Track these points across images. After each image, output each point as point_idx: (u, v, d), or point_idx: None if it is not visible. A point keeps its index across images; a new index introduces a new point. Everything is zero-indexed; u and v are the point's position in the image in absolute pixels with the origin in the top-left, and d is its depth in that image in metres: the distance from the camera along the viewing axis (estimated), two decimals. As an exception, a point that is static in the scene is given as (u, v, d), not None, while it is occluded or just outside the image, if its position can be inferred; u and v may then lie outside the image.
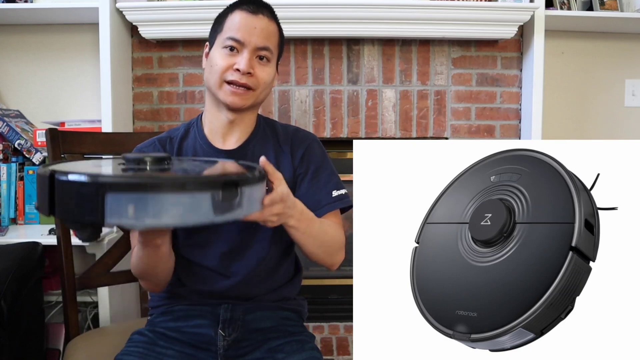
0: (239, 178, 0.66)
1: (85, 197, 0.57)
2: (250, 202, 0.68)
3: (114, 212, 0.57)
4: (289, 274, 1.06)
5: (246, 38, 0.91)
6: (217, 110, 0.97)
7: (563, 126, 1.98)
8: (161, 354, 0.90)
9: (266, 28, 0.93)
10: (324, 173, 1.01)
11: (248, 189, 0.67)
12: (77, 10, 1.66)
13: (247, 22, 0.91)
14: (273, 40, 0.95)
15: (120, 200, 0.57)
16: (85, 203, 0.57)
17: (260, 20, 0.92)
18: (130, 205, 0.57)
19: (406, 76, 1.81)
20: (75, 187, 0.58)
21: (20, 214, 1.68)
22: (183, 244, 0.97)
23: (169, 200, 0.59)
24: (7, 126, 1.66)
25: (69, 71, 1.84)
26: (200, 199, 0.61)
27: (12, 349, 1.22)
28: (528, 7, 1.64)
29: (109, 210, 0.57)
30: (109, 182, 0.58)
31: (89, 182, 0.57)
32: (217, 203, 0.62)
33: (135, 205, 0.57)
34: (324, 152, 1.05)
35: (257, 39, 0.92)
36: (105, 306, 1.56)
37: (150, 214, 0.58)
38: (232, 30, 0.92)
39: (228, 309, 0.96)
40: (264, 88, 0.96)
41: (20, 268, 1.28)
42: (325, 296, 2.08)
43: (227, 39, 0.92)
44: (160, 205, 0.58)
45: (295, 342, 0.95)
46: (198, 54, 1.77)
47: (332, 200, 0.99)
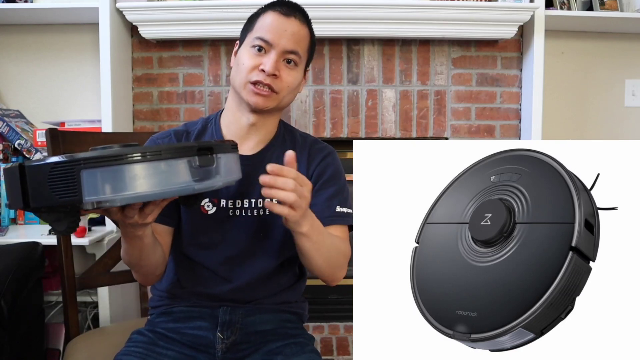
0: (212, 144, 0.67)
1: (60, 178, 0.56)
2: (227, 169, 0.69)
3: (91, 189, 0.56)
4: (292, 280, 1.04)
5: (275, 40, 0.90)
6: (239, 111, 0.96)
7: (563, 126, 1.98)
8: (161, 355, 0.90)
9: (297, 32, 0.92)
10: (333, 187, 0.99)
11: (223, 155, 0.68)
12: (77, 10, 1.66)
13: (278, 23, 0.90)
14: (303, 45, 0.94)
15: (96, 175, 0.56)
16: (60, 184, 0.56)
17: (291, 24, 0.91)
18: (107, 179, 0.56)
19: (406, 76, 1.81)
20: (48, 170, 0.56)
21: (20, 214, 1.68)
22: (187, 242, 0.97)
23: (146, 169, 0.58)
24: (7, 126, 1.66)
25: (69, 71, 1.85)
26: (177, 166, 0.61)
27: (12, 349, 1.22)
28: (528, 7, 1.64)
29: (86, 187, 0.56)
30: (84, 158, 0.56)
31: (62, 161, 0.56)
32: (195, 169, 0.62)
33: (112, 178, 0.57)
34: (339, 168, 1.03)
35: (287, 42, 0.90)
36: (105, 306, 1.56)
37: (127, 185, 0.57)
38: (262, 31, 0.91)
39: (227, 311, 0.95)
40: (288, 92, 0.94)
41: (20, 268, 1.27)
42: (325, 296, 2.08)
43: (256, 39, 0.91)
44: (137, 175, 0.58)
45: (294, 344, 0.94)
46: (198, 54, 1.77)
47: (333, 214, 0.97)
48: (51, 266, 1.58)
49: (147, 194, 0.60)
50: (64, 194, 0.56)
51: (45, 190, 0.57)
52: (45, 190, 0.57)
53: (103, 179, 0.56)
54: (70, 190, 0.56)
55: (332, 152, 1.04)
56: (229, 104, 0.99)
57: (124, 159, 0.57)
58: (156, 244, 0.87)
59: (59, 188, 0.56)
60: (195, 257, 0.97)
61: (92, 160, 0.56)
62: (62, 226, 0.61)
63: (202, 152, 0.65)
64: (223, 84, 1.78)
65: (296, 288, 1.05)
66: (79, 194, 0.56)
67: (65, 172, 0.56)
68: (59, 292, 1.59)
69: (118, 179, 0.57)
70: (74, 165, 0.56)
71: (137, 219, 0.70)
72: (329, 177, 1.00)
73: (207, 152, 0.65)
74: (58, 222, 0.61)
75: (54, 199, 0.57)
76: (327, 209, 0.96)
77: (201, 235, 0.96)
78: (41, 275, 1.42)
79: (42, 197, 0.58)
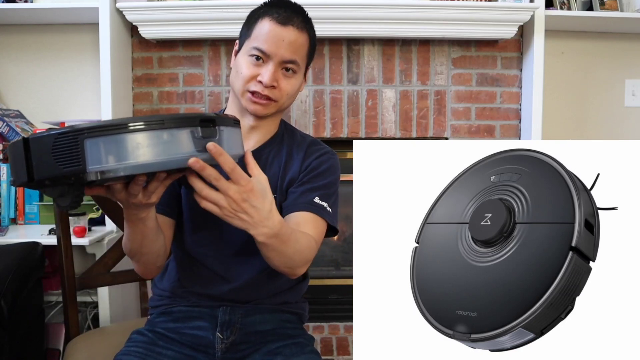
0: (214, 117, 0.67)
1: (64, 148, 0.57)
2: (230, 143, 0.68)
3: (94, 158, 0.57)
4: (293, 281, 1.03)
5: (272, 50, 0.89)
6: (240, 114, 0.96)
7: (563, 126, 1.98)
8: (160, 355, 0.90)
9: (295, 41, 0.90)
10: (321, 181, 0.96)
11: (225, 129, 0.68)
12: (77, 10, 1.66)
13: (275, 33, 0.89)
14: (301, 52, 0.93)
15: (99, 144, 0.57)
16: (64, 154, 0.57)
17: (288, 32, 0.89)
18: (110, 148, 0.57)
19: (406, 76, 1.81)
20: (52, 141, 0.57)
21: (20, 214, 1.68)
22: (187, 238, 0.97)
23: (149, 138, 0.59)
24: (7, 126, 1.66)
25: (69, 71, 1.85)
26: (180, 135, 0.61)
27: (12, 349, 1.22)
28: (528, 7, 1.64)
29: (90, 156, 0.56)
30: (87, 127, 0.57)
31: (66, 131, 0.57)
32: (197, 140, 0.63)
33: (115, 146, 0.57)
34: (334, 169, 1.00)
35: (284, 52, 0.89)
36: (105, 306, 1.56)
37: (130, 154, 0.58)
38: (259, 40, 0.89)
39: (226, 311, 0.95)
40: (287, 99, 0.94)
41: (20, 268, 1.28)
42: (325, 296, 2.08)
43: (253, 48, 0.90)
44: (140, 144, 0.58)
45: (294, 344, 0.94)
46: (198, 54, 1.77)
47: (309, 202, 0.93)
48: (51, 266, 1.58)
49: (150, 163, 0.60)
50: (68, 164, 0.57)
51: (50, 160, 0.57)
52: (50, 160, 0.57)
53: (106, 148, 0.57)
54: (74, 160, 0.57)
55: (331, 152, 1.02)
56: (230, 105, 0.99)
57: (127, 128, 0.58)
58: (159, 232, 0.85)
59: (62, 158, 0.57)
60: (195, 254, 0.97)
61: (96, 130, 0.57)
62: (66, 201, 0.62)
63: (205, 123, 0.64)
64: (223, 84, 1.78)
65: (297, 289, 1.04)
66: (82, 163, 0.57)
67: (69, 142, 0.56)
68: (59, 292, 1.59)
69: (121, 148, 0.58)
70: (77, 134, 0.56)
71: (141, 198, 0.68)
72: (320, 173, 0.97)
73: (210, 124, 0.65)
74: (62, 197, 0.62)
75: (57, 169, 0.58)
76: (304, 196, 0.94)
77: (200, 230, 0.96)
78: (41, 275, 1.43)
79: (46, 168, 0.58)
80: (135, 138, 0.58)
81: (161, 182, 0.69)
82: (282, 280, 1.00)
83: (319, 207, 0.93)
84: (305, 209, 0.92)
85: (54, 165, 0.57)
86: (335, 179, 1.00)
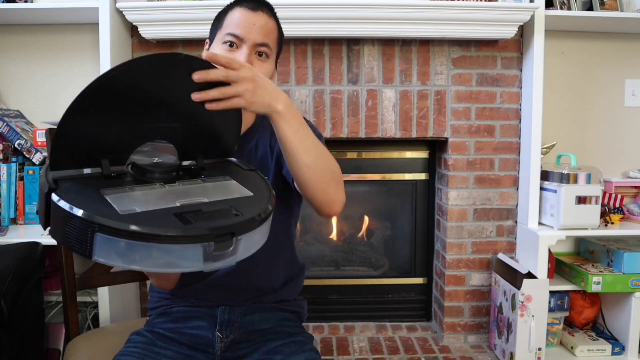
0: (236, 227, 0.62)
1: (76, 230, 0.57)
2: (246, 247, 0.64)
3: (102, 252, 0.57)
4: (290, 272, 1.04)
5: (245, 34, 0.91)
6: None
7: (563, 126, 1.98)
8: (160, 355, 0.90)
9: (265, 25, 0.93)
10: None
11: (245, 236, 0.63)
12: (77, 10, 1.66)
13: (247, 18, 0.92)
14: (272, 37, 0.96)
15: (109, 243, 0.56)
16: (75, 234, 0.57)
17: (259, 17, 0.93)
18: (118, 250, 0.57)
19: (406, 76, 1.81)
20: (68, 217, 0.57)
21: (20, 214, 1.68)
22: None
23: (158, 250, 0.57)
24: (7, 126, 1.66)
25: (69, 71, 1.85)
26: (191, 251, 0.59)
27: (12, 349, 1.22)
28: (528, 7, 1.64)
29: (98, 248, 0.56)
30: (100, 223, 0.56)
31: (80, 217, 0.56)
32: (208, 254, 0.60)
33: (124, 250, 0.57)
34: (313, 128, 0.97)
35: (257, 35, 0.92)
36: (105, 306, 1.56)
37: (138, 260, 0.57)
38: (232, 27, 0.92)
39: (225, 310, 0.96)
40: None
41: (20, 268, 1.27)
42: (325, 296, 2.09)
43: (226, 35, 0.92)
44: (149, 254, 0.57)
45: (293, 343, 0.94)
46: (198, 54, 1.77)
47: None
48: (51, 266, 1.58)
49: (154, 269, 0.60)
50: (77, 245, 0.57)
51: (62, 231, 0.58)
52: (62, 231, 0.58)
53: (115, 249, 0.57)
54: (83, 245, 0.57)
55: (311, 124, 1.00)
56: None
57: (140, 237, 0.56)
58: None
59: (73, 238, 0.57)
60: None
61: (108, 229, 0.56)
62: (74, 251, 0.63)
63: (222, 236, 0.60)
64: (223, 84, 1.78)
65: (295, 284, 1.05)
66: (89, 251, 0.57)
67: (81, 229, 0.56)
68: (59, 292, 1.60)
69: (129, 253, 0.57)
70: (89, 225, 0.56)
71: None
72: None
73: (228, 236, 0.61)
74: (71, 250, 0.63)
75: (67, 243, 0.58)
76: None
77: None
78: (41, 275, 1.43)
79: (59, 235, 0.59)
80: (146, 247, 0.57)
81: None
82: (276, 270, 1.01)
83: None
84: None
85: (65, 238, 0.58)
86: (319, 134, 0.98)
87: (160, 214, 0.61)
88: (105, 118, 0.65)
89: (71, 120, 0.61)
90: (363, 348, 1.86)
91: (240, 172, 0.80)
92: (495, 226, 1.88)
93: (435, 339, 1.95)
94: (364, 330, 2.02)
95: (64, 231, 0.58)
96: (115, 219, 0.57)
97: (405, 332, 2.02)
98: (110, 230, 0.56)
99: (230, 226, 0.61)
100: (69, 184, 0.62)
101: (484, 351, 1.85)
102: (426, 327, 2.05)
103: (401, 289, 2.12)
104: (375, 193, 2.12)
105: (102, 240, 0.56)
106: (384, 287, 2.11)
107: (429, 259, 2.10)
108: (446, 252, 1.90)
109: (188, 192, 0.69)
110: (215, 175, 0.76)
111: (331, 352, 1.82)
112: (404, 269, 2.14)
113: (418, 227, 2.10)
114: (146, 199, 0.64)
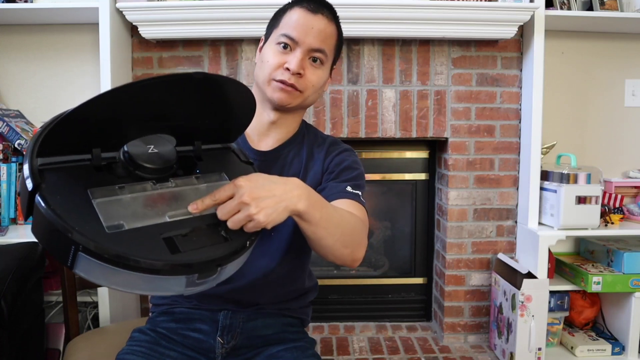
0: (223, 259, 0.60)
1: (58, 242, 0.54)
2: (229, 271, 0.64)
3: (84, 269, 0.55)
4: (300, 289, 1.02)
5: (301, 37, 0.87)
6: (262, 108, 0.94)
7: (563, 126, 1.98)
8: (164, 355, 0.90)
9: (324, 29, 0.89)
10: (347, 175, 0.95)
11: (230, 264, 0.62)
12: (77, 10, 1.66)
13: (305, 20, 0.87)
14: (329, 43, 0.91)
15: (91, 264, 0.54)
16: (56, 245, 0.54)
17: (318, 20, 0.88)
18: (100, 271, 0.55)
19: (406, 76, 1.81)
20: (51, 228, 0.54)
21: (20, 214, 1.68)
22: None
23: (141, 278, 0.56)
24: (7, 126, 1.66)
25: (69, 71, 1.85)
26: (174, 280, 0.58)
27: (12, 349, 1.22)
28: (528, 7, 1.64)
29: (80, 265, 0.54)
30: (82, 244, 0.53)
31: (62, 232, 0.53)
32: (191, 282, 0.59)
33: (105, 273, 0.55)
34: (357, 163, 0.99)
35: (313, 40, 0.87)
36: (105, 306, 1.56)
37: (120, 283, 0.56)
38: (288, 28, 0.88)
39: (227, 315, 0.94)
40: (313, 91, 0.92)
41: (20, 268, 1.27)
42: (326, 296, 2.09)
43: (281, 36, 0.88)
44: (132, 280, 0.56)
45: (295, 348, 0.93)
46: (198, 54, 1.77)
47: (342, 191, 0.90)
48: (51, 266, 1.58)
49: (136, 292, 0.59)
50: (58, 254, 0.55)
51: (45, 238, 0.56)
52: (45, 238, 0.56)
53: (98, 269, 0.55)
54: (64, 257, 0.54)
55: (351, 150, 1.01)
56: None
57: (125, 266, 0.54)
58: None
59: (55, 247, 0.55)
60: None
61: (92, 253, 0.53)
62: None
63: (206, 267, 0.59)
64: (223, 84, 1.78)
65: (303, 299, 1.03)
66: (71, 265, 0.55)
67: (63, 243, 0.53)
68: (59, 292, 1.60)
69: (111, 276, 0.55)
70: (71, 244, 0.53)
71: None
72: (345, 167, 0.96)
73: (213, 266, 0.59)
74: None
75: (49, 249, 0.56)
76: (336, 187, 0.92)
77: None
78: (41, 275, 1.43)
79: (42, 238, 0.56)
80: (128, 275, 0.55)
81: None
82: (287, 289, 0.98)
83: (354, 194, 0.91)
84: (341, 197, 0.89)
85: (47, 241, 0.55)
86: (362, 172, 0.98)
87: (149, 237, 0.58)
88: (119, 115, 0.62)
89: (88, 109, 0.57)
90: (363, 348, 1.87)
91: (236, 165, 0.77)
92: (495, 226, 1.89)
93: (435, 339, 1.95)
94: (364, 330, 2.02)
95: (47, 238, 0.55)
96: (101, 241, 0.54)
97: (405, 332, 2.02)
98: (94, 254, 0.53)
99: (217, 259, 0.60)
100: (55, 178, 0.58)
101: (484, 351, 1.85)
102: (426, 327, 2.05)
103: (401, 289, 2.12)
104: (375, 193, 2.12)
105: (85, 260, 0.54)
106: (384, 287, 2.11)
107: (429, 259, 2.10)
108: (446, 252, 1.90)
109: (180, 196, 0.66)
110: (210, 169, 0.73)
111: (331, 352, 1.82)
112: (404, 269, 2.14)
113: (418, 227, 2.10)
114: (135, 208, 0.61)
